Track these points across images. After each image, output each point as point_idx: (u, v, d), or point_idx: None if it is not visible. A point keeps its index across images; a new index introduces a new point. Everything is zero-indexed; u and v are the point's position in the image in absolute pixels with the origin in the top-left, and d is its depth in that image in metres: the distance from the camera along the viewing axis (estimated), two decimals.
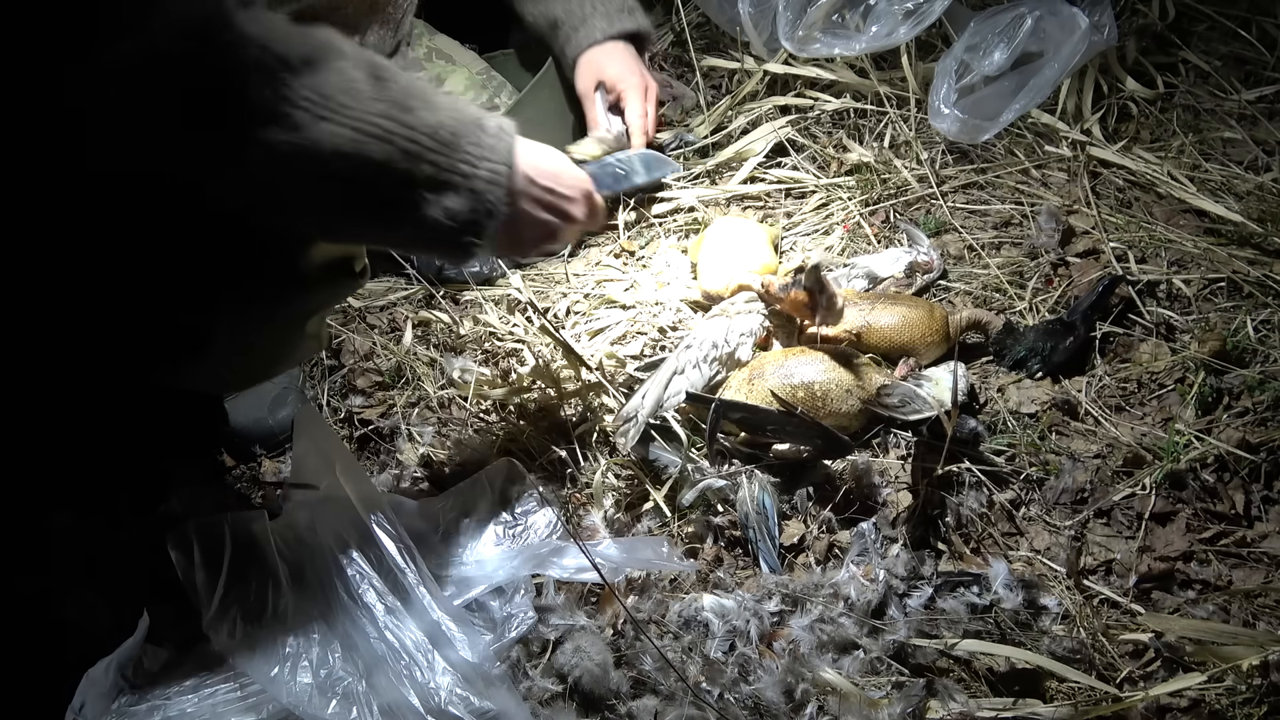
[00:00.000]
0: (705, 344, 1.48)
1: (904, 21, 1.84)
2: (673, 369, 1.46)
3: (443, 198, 1.00)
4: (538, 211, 1.12)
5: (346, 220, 1.01)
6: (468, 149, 1.00)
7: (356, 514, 1.22)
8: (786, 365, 1.44)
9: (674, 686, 1.17)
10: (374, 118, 0.94)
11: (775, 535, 1.32)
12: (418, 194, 0.98)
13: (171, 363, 1.11)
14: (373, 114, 0.94)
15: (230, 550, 1.21)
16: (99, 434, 1.45)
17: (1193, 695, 1.15)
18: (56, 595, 1.29)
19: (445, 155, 0.99)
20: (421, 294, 1.75)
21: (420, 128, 0.97)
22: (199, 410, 1.49)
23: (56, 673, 1.17)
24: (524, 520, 1.33)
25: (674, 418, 1.42)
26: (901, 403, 1.37)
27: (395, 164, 0.96)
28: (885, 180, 1.87)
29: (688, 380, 1.45)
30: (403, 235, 1.03)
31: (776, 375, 1.43)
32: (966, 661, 1.20)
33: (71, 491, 1.40)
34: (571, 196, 1.15)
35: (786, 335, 1.56)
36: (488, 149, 1.02)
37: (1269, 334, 1.54)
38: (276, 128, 0.90)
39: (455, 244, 1.03)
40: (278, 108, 0.89)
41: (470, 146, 1.01)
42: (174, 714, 1.12)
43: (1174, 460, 1.37)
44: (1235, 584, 1.29)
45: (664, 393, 1.43)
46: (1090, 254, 1.71)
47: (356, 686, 1.13)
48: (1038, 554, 1.32)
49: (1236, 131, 1.96)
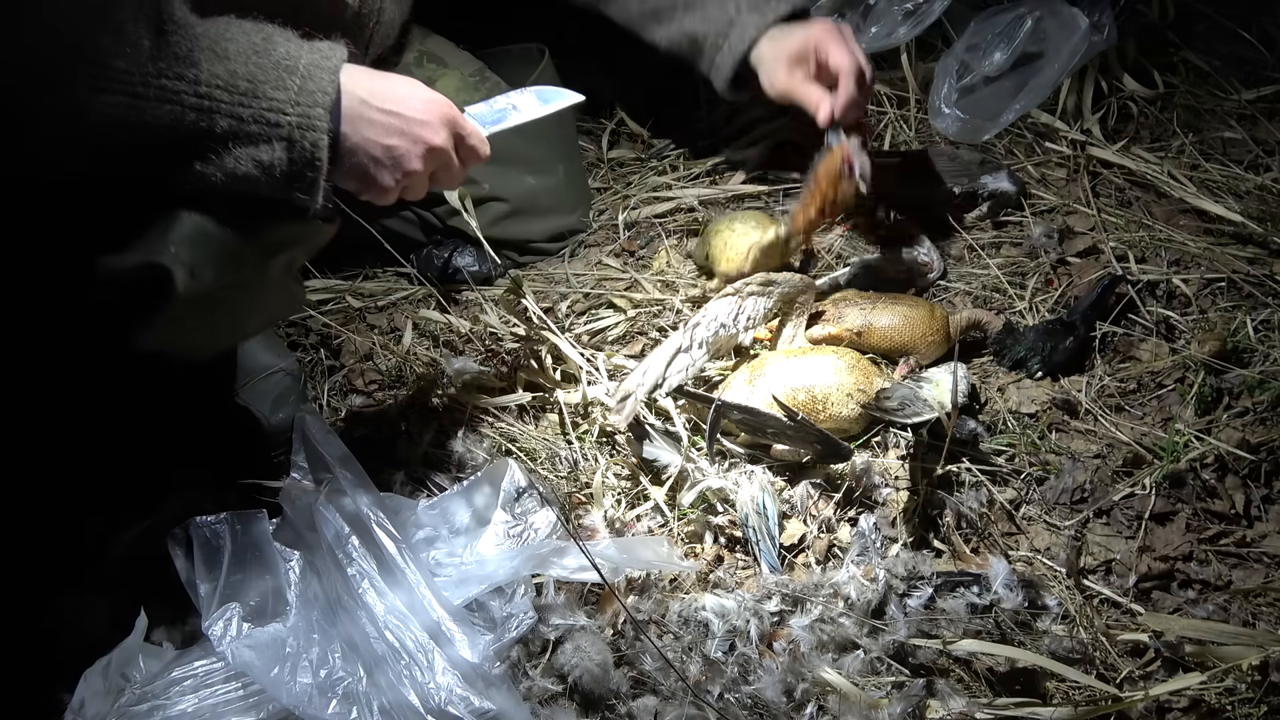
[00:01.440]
0: (714, 323, 1.46)
1: (904, 21, 1.85)
2: (676, 346, 1.43)
3: (253, 150, 0.97)
4: (384, 138, 1.06)
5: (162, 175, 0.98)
6: (271, 95, 0.96)
7: (356, 514, 1.21)
8: (789, 367, 1.44)
9: (674, 686, 1.17)
10: (153, 79, 0.91)
11: (775, 535, 1.32)
12: (223, 150, 0.96)
13: (131, 320, 1.06)
14: (150, 74, 0.91)
15: (230, 550, 1.21)
16: (100, 433, 1.45)
17: (1193, 695, 1.15)
18: (56, 595, 1.29)
19: (245, 106, 0.95)
20: (422, 294, 1.75)
21: (209, 81, 0.93)
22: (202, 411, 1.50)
23: (56, 673, 1.17)
24: (524, 520, 1.33)
25: (675, 410, 1.42)
26: (900, 406, 1.37)
27: (186, 124, 0.93)
28: None
29: (690, 359, 1.42)
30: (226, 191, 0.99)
31: (778, 377, 1.43)
32: (966, 661, 1.20)
33: (72, 492, 1.40)
34: (424, 120, 1.09)
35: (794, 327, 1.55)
36: (296, 90, 0.98)
37: (1269, 334, 1.54)
38: (59, 98, 0.89)
39: (285, 197, 1.01)
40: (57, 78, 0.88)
41: (274, 92, 0.97)
42: (174, 714, 1.12)
43: (1174, 460, 1.37)
44: (1235, 584, 1.29)
45: (665, 370, 1.40)
46: (1090, 254, 1.72)
47: (356, 686, 1.13)
48: (1038, 554, 1.32)
49: (1236, 131, 1.96)
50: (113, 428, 1.40)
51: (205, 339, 1.18)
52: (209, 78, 0.93)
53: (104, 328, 1.07)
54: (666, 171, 2.00)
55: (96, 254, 0.99)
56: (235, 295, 1.12)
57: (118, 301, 1.04)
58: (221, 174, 0.97)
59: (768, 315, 1.53)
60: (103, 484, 1.40)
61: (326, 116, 1.00)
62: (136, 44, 0.90)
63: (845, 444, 1.36)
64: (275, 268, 1.12)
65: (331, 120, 1.01)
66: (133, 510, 1.36)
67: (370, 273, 1.79)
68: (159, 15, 0.92)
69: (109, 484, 1.40)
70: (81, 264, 0.99)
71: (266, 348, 1.53)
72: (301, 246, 1.17)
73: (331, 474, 1.25)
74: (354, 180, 1.08)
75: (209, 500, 1.34)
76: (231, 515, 1.24)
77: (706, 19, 1.51)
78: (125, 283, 1.01)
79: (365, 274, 1.79)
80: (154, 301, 1.04)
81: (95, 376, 1.25)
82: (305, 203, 1.02)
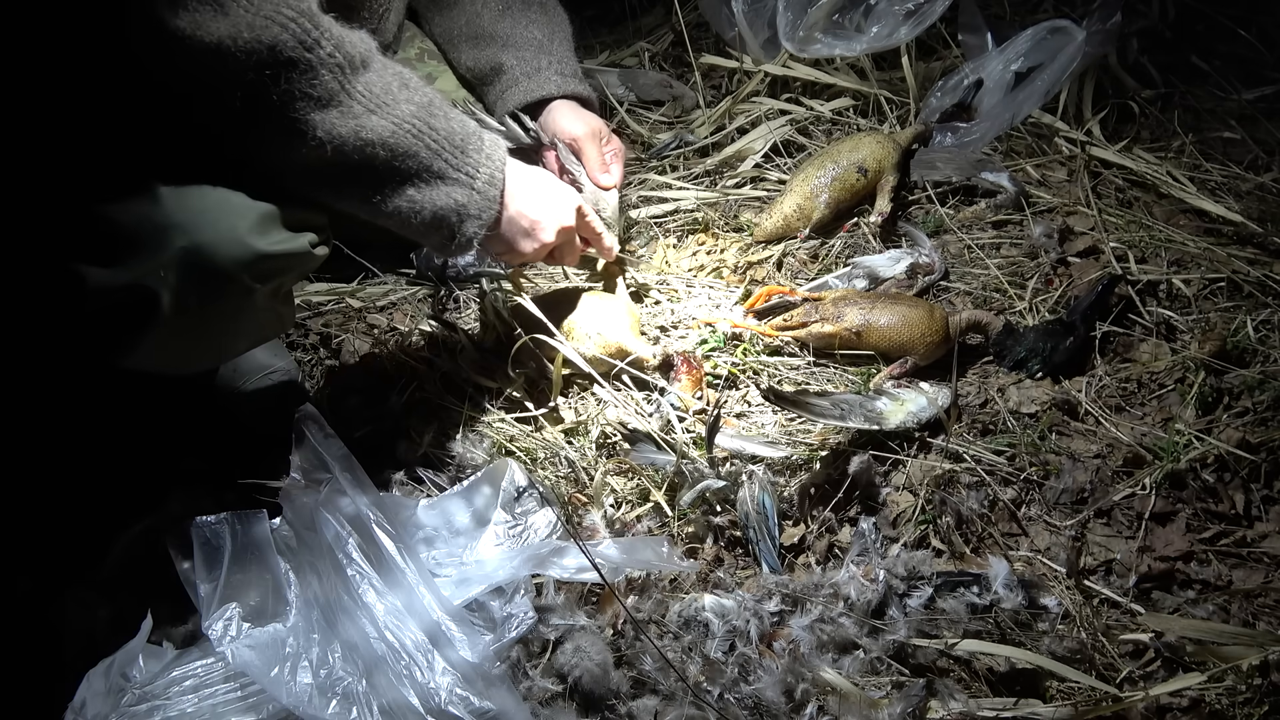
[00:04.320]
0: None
1: (904, 22, 1.85)
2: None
3: (452, 189, 1.22)
4: (532, 213, 1.33)
5: (372, 194, 1.18)
6: (473, 155, 1.24)
7: (356, 514, 1.21)
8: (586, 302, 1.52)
9: (674, 686, 1.17)
10: (407, 117, 1.16)
11: (775, 535, 1.32)
12: (434, 182, 1.21)
13: (117, 339, 1.10)
14: (406, 114, 1.16)
15: (230, 550, 1.21)
16: (100, 434, 1.45)
17: (1193, 695, 1.15)
18: (56, 595, 1.29)
19: (457, 157, 1.22)
20: (422, 294, 1.75)
21: (440, 130, 1.20)
22: (201, 411, 1.50)
23: (56, 673, 1.17)
24: (524, 520, 1.33)
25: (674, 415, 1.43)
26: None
27: (420, 155, 1.18)
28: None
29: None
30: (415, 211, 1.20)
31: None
32: (966, 661, 1.20)
33: (72, 491, 1.40)
34: (560, 205, 1.37)
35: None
36: (485, 158, 1.25)
37: (1269, 334, 1.54)
38: (337, 113, 1.11)
39: (454, 228, 1.24)
40: (340, 98, 1.10)
41: (474, 153, 1.24)
42: (174, 714, 1.12)
43: (1174, 460, 1.37)
44: (1235, 584, 1.29)
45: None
46: (1090, 254, 1.72)
47: (356, 686, 1.13)
48: (1038, 554, 1.32)
49: (1236, 131, 1.96)
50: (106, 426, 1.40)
51: (190, 359, 1.21)
52: (441, 127, 1.20)
53: (90, 343, 1.09)
54: (666, 171, 2.00)
55: (86, 272, 1.04)
56: (222, 318, 1.15)
57: (104, 320, 1.06)
58: (424, 199, 1.20)
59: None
60: (102, 484, 1.40)
61: (504, 181, 1.28)
62: (391, 88, 1.16)
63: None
64: (263, 292, 1.17)
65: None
66: (133, 510, 1.36)
67: (371, 273, 1.79)
68: (400, 73, 1.19)
69: (108, 484, 1.40)
70: (71, 281, 1.04)
71: (266, 348, 1.53)
72: (292, 273, 1.20)
73: (331, 474, 1.25)
74: (501, 243, 1.33)
75: (209, 500, 1.34)
76: (231, 515, 1.23)
77: (519, 58, 1.67)
78: (112, 302, 1.04)
79: (366, 275, 1.79)
80: (140, 322, 1.06)
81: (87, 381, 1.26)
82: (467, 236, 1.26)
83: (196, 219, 1.08)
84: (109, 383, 1.36)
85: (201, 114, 1.07)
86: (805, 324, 1.55)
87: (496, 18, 1.68)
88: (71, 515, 1.38)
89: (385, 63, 1.17)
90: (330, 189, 1.17)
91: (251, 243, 1.10)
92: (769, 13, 1.94)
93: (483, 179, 1.25)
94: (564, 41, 1.71)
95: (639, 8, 2.44)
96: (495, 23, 1.68)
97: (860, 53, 1.93)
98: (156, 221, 1.06)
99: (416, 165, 1.18)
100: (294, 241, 1.15)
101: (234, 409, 1.51)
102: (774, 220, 1.78)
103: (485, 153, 1.25)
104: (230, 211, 1.10)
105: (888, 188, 1.78)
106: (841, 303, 1.56)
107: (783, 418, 1.48)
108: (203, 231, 1.08)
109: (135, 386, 1.31)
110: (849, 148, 1.80)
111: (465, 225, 1.24)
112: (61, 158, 1.05)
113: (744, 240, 1.81)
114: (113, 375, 1.17)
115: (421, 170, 1.19)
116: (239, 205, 1.11)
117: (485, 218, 1.26)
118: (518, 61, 1.67)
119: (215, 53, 1.01)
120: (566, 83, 1.66)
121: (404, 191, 1.19)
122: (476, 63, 1.70)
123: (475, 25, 1.69)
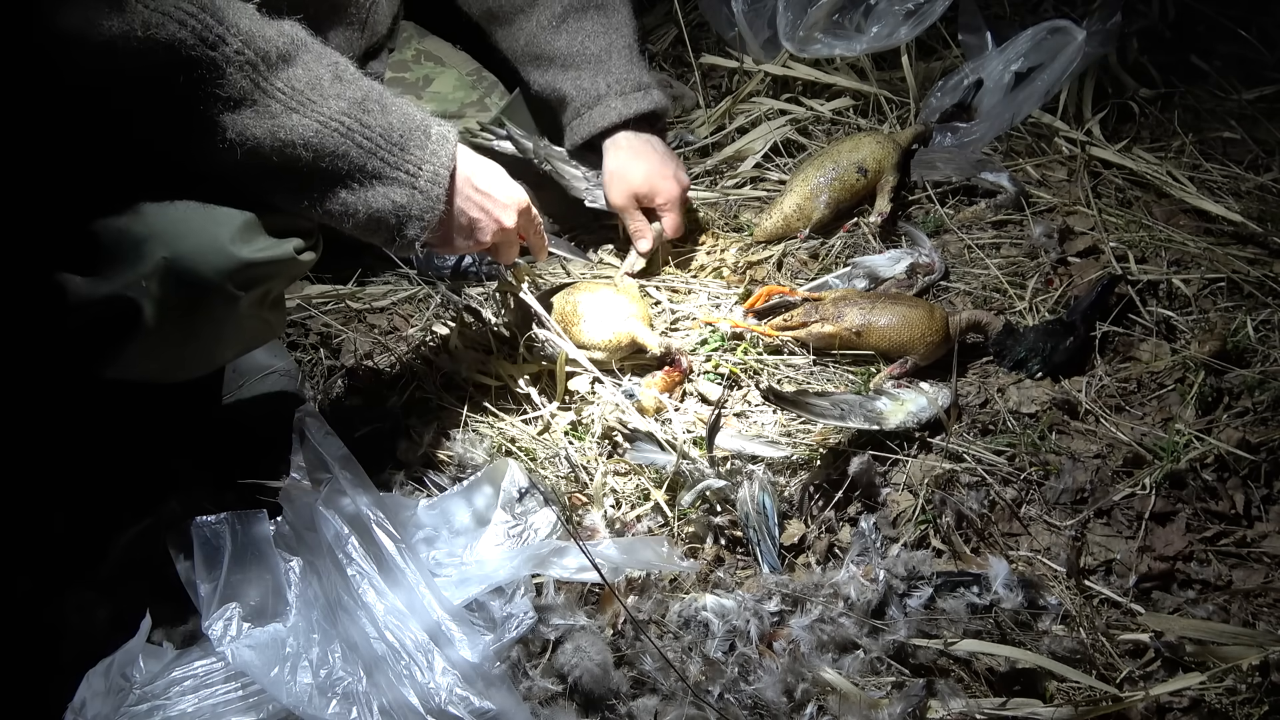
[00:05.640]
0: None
1: (905, 22, 1.85)
2: None
3: (389, 189, 1.15)
4: (473, 211, 1.26)
5: (300, 196, 1.12)
6: (414, 151, 1.16)
7: (356, 514, 1.21)
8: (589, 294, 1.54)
9: (674, 686, 1.17)
10: (335, 114, 1.09)
11: (775, 535, 1.32)
12: (368, 183, 1.14)
13: (101, 350, 1.10)
14: (334, 111, 1.09)
15: (230, 550, 1.21)
16: (99, 434, 1.45)
17: (1193, 695, 1.15)
18: (56, 595, 1.29)
19: (394, 155, 1.15)
20: (421, 294, 1.75)
21: (376, 126, 1.13)
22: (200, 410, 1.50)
23: (56, 673, 1.17)
24: (524, 520, 1.33)
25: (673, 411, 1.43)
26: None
27: (350, 155, 1.11)
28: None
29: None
30: (348, 214, 1.15)
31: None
32: (966, 661, 1.20)
33: (71, 491, 1.40)
34: (505, 204, 1.29)
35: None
36: (430, 154, 1.18)
37: (1269, 334, 1.55)
38: (251, 113, 1.04)
39: (393, 230, 1.18)
40: (254, 96, 1.04)
41: (416, 150, 1.16)
42: (174, 714, 1.12)
43: (1174, 460, 1.37)
44: (1235, 584, 1.29)
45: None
46: (1090, 254, 1.72)
47: (356, 686, 1.13)
48: (1038, 554, 1.32)
49: (1236, 131, 1.96)
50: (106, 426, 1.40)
51: (175, 368, 1.21)
52: (374, 124, 1.13)
53: (73, 354, 1.10)
54: None
55: (67, 284, 1.04)
56: (206, 327, 1.15)
57: (86, 331, 1.06)
58: (358, 203, 1.14)
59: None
60: (102, 484, 1.40)
61: (449, 180, 1.20)
62: (320, 83, 1.10)
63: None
64: (248, 300, 1.15)
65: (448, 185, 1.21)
66: (132, 510, 1.36)
67: (370, 273, 1.79)
68: (336, 64, 1.12)
69: (108, 484, 1.40)
70: (52, 293, 1.04)
71: (266, 348, 1.53)
72: (278, 279, 1.19)
73: (331, 474, 1.25)
74: (437, 237, 1.24)
75: (209, 500, 1.34)
76: (231, 515, 1.23)
77: (579, 87, 1.67)
78: (94, 314, 1.04)
79: (366, 275, 1.79)
80: (122, 333, 1.07)
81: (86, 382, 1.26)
82: (410, 235, 1.19)
83: (177, 228, 1.07)
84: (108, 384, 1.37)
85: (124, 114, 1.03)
86: (805, 324, 1.55)
87: (553, 33, 1.67)
88: (71, 515, 1.37)
89: (321, 53, 1.11)
90: (258, 191, 1.11)
91: (234, 251, 1.09)
92: (769, 13, 1.94)
93: (425, 177, 1.17)
94: (623, 49, 1.69)
95: (639, 8, 2.43)
96: (553, 39, 1.67)
97: (860, 53, 1.93)
98: (137, 232, 1.05)
99: (347, 165, 1.11)
100: (278, 248, 1.13)
101: (234, 409, 1.51)
102: (774, 220, 1.78)
103: (430, 149, 1.18)
104: (211, 220, 1.09)
105: (888, 188, 1.78)
106: (841, 303, 1.56)
107: (783, 418, 1.48)
108: (183, 241, 1.07)
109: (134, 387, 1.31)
110: (849, 148, 1.80)
111: (406, 228, 1.18)
112: (42, 170, 1.04)
113: (744, 240, 1.81)
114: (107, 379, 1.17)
115: (354, 171, 1.12)
116: (220, 214, 1.09)
117: (428, 219, 1.19)
118: (577, 91, 1.67)
119: (108, 52, 0.96)
120: (628, 105, 1.66)
121: (335, 193, 1.13)
122: (542, 90, 1.71)
123: (534, 45, 1.69)
